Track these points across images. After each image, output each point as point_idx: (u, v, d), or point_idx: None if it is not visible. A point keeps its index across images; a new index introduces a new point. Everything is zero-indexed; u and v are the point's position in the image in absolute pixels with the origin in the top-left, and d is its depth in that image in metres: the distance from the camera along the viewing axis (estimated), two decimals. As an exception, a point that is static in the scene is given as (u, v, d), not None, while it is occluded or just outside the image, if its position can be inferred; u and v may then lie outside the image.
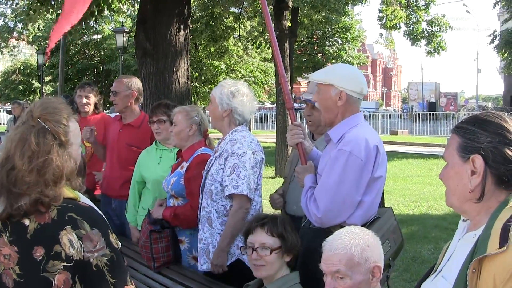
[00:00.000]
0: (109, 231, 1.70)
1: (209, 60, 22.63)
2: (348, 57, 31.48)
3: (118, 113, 4.71)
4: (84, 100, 5.00)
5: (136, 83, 4.61)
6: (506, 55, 25.96)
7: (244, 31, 20.16)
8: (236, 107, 3.31)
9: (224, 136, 3.35)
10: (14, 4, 15.64)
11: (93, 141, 4.56)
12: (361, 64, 36.36)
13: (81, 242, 1.63)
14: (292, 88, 16.54)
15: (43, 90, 30.86)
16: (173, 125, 3.68)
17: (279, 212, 3.51)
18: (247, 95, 3.37)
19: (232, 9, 17.14)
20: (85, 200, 1.87)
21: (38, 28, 24.75)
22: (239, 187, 3.13)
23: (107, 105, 25.55)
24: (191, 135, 3.66)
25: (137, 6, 9.31)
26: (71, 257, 1.61)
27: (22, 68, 36.11)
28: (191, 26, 8.63)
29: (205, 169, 3.39)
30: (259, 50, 23.33)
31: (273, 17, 12.36)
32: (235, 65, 24.76)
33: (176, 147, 4.02)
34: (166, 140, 4.08)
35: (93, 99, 5.06)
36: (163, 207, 3.63)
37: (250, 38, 19.05)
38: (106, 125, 5.02)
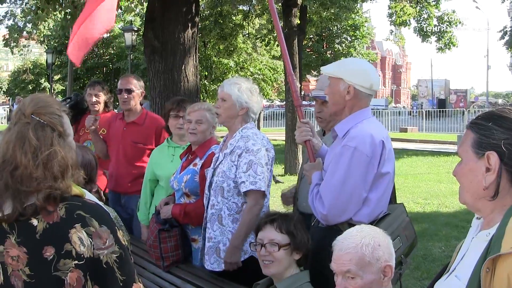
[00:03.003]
0: (116, 228, 1.70)
1: (218, 58, 22.63)
2: (357, 54, 31.32)
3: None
4: (94, 99, 5.03)
5: (141, 81, 4.76)
6: (516, 51, 25.72)
7: (253, 28, 20.14)
8: (253, 105, 3.32)
9: (233, 133, 3.33)
10: (24, 4, 15.72)
11: (94, 130, 4.60)
12: (370, 61, 36.19)
13: (91, 240, 1.62)
14: (301, 86, 16.51)
15: (52, 89, 31.01)
16: (196, 122, 3.61)
17: (290, 209, 3.50)
18: (259, 94, 3.40)
19: (240, 7, 17.11)
20: (90, 197, 1.86)
21: (48, 27, 24.85)
22: (257, 183, 3.12)
23: (117, 104, 25.63)
24: (212, 133, 3.70)
25: (145, 4, 9.31)
26: (82, 255, 1.60)
27: (32, 67, 36.30)
28: (199, 24, 8.61)
29: (211, 166, 3.38)
30: (268, 47, 23.33)
31: (281, 15, 12.32)
32: (244, 63, 24.72)
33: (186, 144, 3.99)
34: (183, 136, 4.04)
35: (103, 97, 5.09)
36: (170, 205, 3.62)
37: (259, 36, 19.01)
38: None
